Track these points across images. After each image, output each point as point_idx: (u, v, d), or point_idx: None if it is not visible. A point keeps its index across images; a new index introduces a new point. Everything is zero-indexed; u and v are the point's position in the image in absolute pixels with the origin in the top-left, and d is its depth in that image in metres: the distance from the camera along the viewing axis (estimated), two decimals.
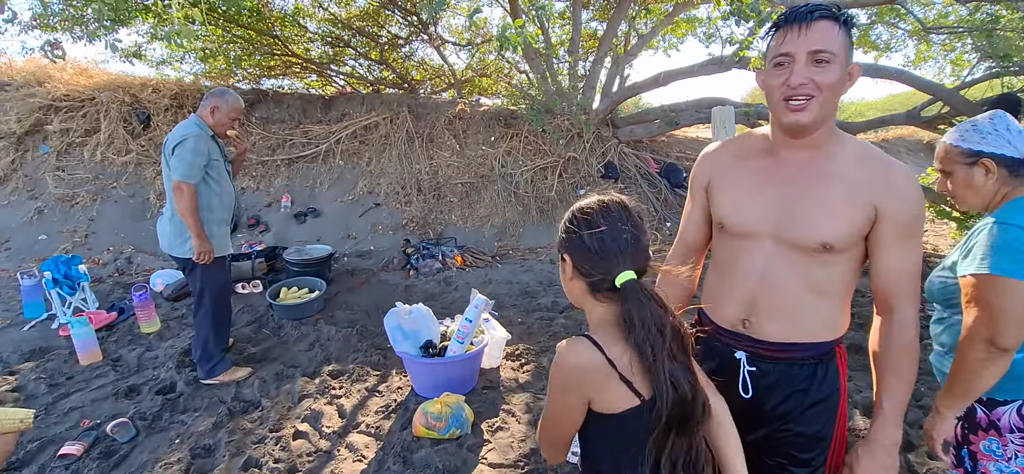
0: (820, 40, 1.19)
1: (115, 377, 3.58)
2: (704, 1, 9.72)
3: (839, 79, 1.22)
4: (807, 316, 1.32)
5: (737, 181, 1.40)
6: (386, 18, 8.94)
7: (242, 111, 3.37)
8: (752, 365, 1.37)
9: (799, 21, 1.21)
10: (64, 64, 6.88)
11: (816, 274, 1.29)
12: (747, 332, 1.37)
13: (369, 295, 4.96)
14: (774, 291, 1.32)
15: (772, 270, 1.32)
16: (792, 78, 1.21)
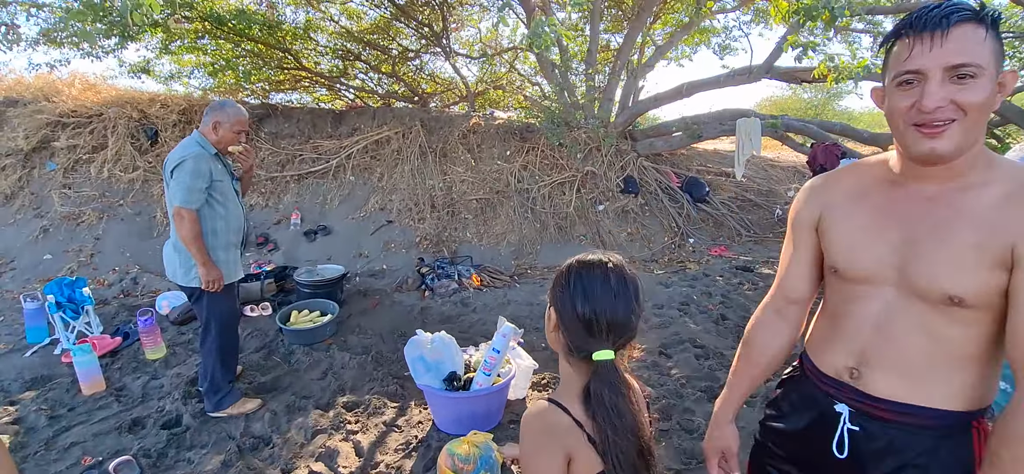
0: (961, 51, 0.94)
1: (119, 408, 3.38)
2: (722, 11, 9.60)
3: (989, 96, 0.96)
4: (933, 377, 1.08)
5: (854, 219, 1.16)
6: (396, 31, 8.83)
7: (246, 123, 3.07)
8: (856, 424, 1.15)
9: (932, 28, 0.95)
10: (72, 80, 6.76)
11: (946, 331, 1.05)
12: (854, 383, 1.15)
13: (383, 318, 4.74)
14: (892, 343, 1.10)
15: (892, 320, 1.10)
16: (925, 101, 0.97)
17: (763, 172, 9.16)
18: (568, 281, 1.12)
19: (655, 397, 3.27)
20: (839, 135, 6.81)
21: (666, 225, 6.94)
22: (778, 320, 1.36)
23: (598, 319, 1.08)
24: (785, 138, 6.75)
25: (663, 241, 6.71)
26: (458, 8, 8.47)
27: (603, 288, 1.09)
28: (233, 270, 3.20)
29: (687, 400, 3.24)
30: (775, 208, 7.68)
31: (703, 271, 5.81)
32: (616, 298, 1.09)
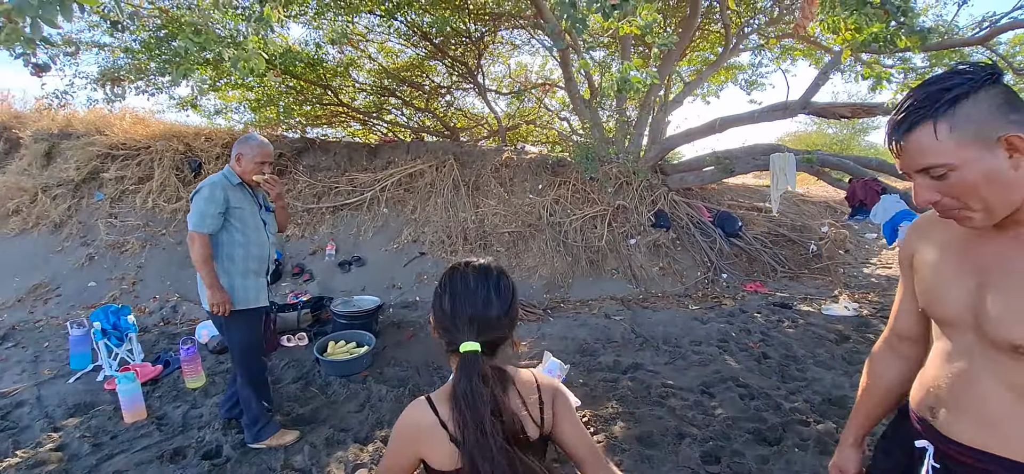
0: (920, 155, 0.99)
1: (160, 437, 3.41)
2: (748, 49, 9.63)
3: (980, 176, 0.96)
4: (1011, 427, 1.04)
5: (938, 261, 1.16)
6: (429, 68, 9.04)
7: (268, 154, 3.13)
8: (938, 463, 1.15)
9: (892, 141, 1.04)
10: (122, 114, 7.04)
11: (1020, 380, 1.02)
12: (933, 422, 1.16)
13: (418, 350, 4.74)
14: (968, 388, 1.09)
15: (969, 365, 1.09)
16: (920, 198, 1.04)
17: (795, 207, 9.02)
18: (440, 282, 1.26)
19: (701, 438, 3.18)
20: (876, 170, 6.70)
21: (698, 260, 6.85)
22: (891, 354, 1.39)
23: (459, 313, 1.20)
24: (821, 173, 6.65)
25: (696, 276, 6.62)
26: (491, 45, 8.64)
27: (463, 284, 1.22)
28: (252, 297, 3.18)
29: (735, 442, 3.14)
30: (809, 243, 7.54)
31: (739, 307, 5.70)
32: (476, 293, 1.21)
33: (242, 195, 3.09)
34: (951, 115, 0.95)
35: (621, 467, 2.95)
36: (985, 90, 0.95)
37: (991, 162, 0.96)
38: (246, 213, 3.09)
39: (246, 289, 3.13)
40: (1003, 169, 0.96)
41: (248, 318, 3.17)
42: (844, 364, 4.25)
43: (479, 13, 7.23)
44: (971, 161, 0.96)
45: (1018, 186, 0.98)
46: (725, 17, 7.81)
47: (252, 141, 3.12)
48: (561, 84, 10.04)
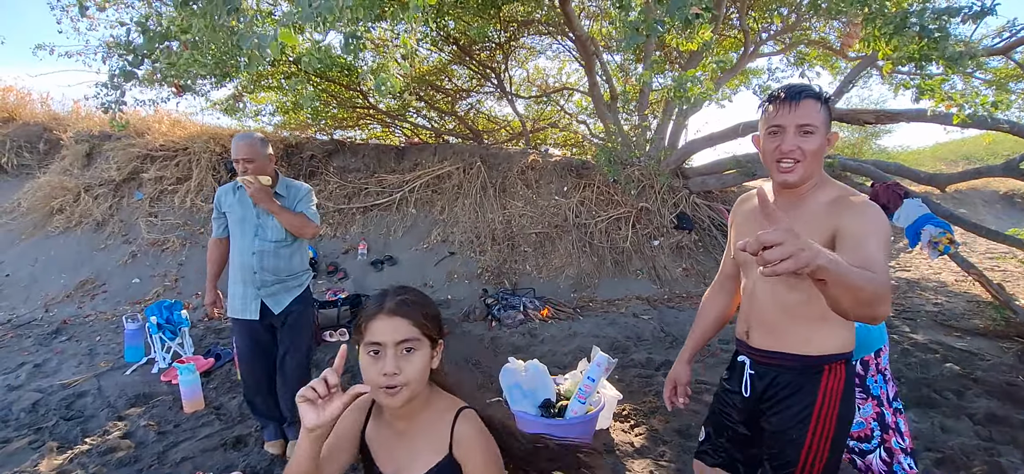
0: (806, 115, 1.47)
1: (220, 426, 3.59)
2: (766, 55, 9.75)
3: (821, 146, 1.50)
4: (787, 331, 1.60)
5: (745, 222, 1.76)
6: (452, 73, 9.22)
7: (243, 151, 2.80)
8: (752, 369, 1.70)
9: (790, 99, 1.49)
10: (161, 116, 7.27)
11: (788, 297, 1.57)
12: (748, 342, 1.71)
13: (455, 347, 4.92)
14: (760, 308, 1.65)
15: (757, 292, 1.65)
16: (783, 145, 1.49)
17: None
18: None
19: None
20: (895, 174, 6.81)
21: (720, 261, 6.99)
22: (718, 289, 1.98)
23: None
24: (842, 177, 6.78)
25: None
26: (516, 49, 8.82)
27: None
28: (236, 306, 3.02)
29: None
30: None
31: None
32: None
33: (235, 199, 2.98)
34: (825, 104, 1.53)
35: (664, 458, 3.12)
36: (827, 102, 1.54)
37: (824, 141, 1.51)
38: (235, 218, 2.97)
39: (232, 296, 3.05)
40: (823, 150, 1.52)
41: (235, 328, 3.13)
42: None
43: (508, 20, 7.40)
44: (823, 134, 1.50)
45: (820, 165, 1.55)
46: (743, 22, 7.96)
47: (234, 139, 2.91)
48: (581, 88, 10.22)
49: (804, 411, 1.58)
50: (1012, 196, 12.45)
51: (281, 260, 2.99)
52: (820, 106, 1.49)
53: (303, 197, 3.04)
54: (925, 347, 4.75)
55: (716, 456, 1.86)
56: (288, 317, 3.05)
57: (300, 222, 2.96)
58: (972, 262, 7.43)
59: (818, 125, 1.48)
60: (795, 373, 1.60)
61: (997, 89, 8.42)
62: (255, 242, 2.94)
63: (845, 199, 1.50)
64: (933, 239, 4.96)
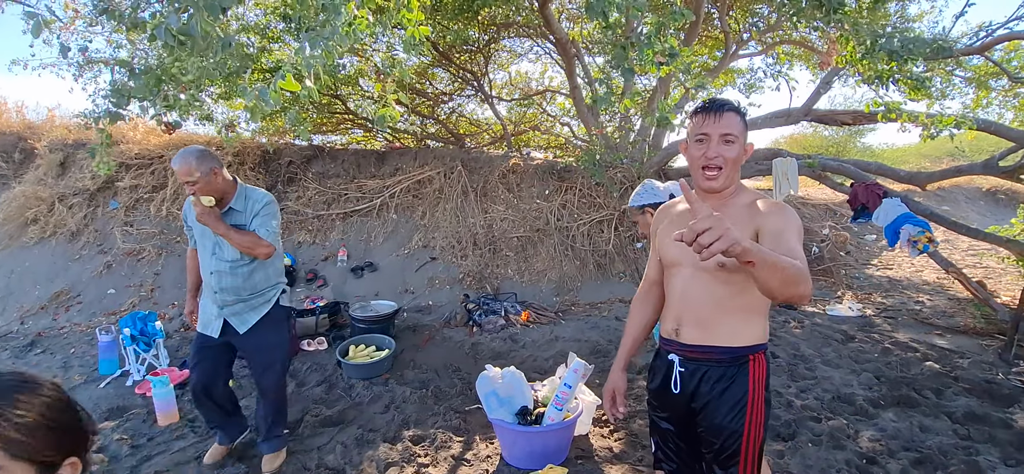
0: (728, 125, 1.64)
1: (195, 439, 3.51)
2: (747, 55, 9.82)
3: (740, 154, 1.67)
4: (717, 325, 1.71)
5: (670, 225, 1.85)
6: (433, 76, 9.17)
7: (182, 171, 2.60)
8: (682, 366, 1.78)
9: (714, 111, 1.66)
10: (136, 124, 7.14)
11: (719, 291, 1.69)
12: (677, 339, 1.79)
13: (436, 353, 4.86)
14: (692, 305, 1.74)
15: (689, 289, 1.74)
16: (709, 152, 1.65)
17: (798, 210, 9.17)
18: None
19: None
20: (876, 174, 6.86)
21: None
22: (645, 295, 2.04)
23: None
24: (822, 177, 6.81)
25: None
26: (496, 52, 8.79)
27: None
28: (203, 321, 2.93)
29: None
30: (812, 246, 7.70)
31: None
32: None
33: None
34: (742, 117, 1.69)
35: (643, 463, 3.09)
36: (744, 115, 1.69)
37: (742, 150, 1.67)
38: (197, 233, 2.88)
39: (202, 309, 2.98)
40: (742, 159, 1.68)
41: (196, 341, 2.99)
42: (851, 363, 4.40)
43: (488, 24, 7.37)
44: (742, 143, 1.67)
45: (738, 173, 1.72)
46: (724, 23, 7.99)
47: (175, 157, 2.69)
48: (562, 90, 10.21)
49: (739, 402, 1.71)
50: (995, 192, 12.60)
51: (239, 279, 2.80)
52: (739, 118, 1.66)
53: (260, 211, 2.79)
54: (906, 346, 4.76)
55: (670, 463, 1.95)
56: (255, 337, 2.89)
57: (250, 242, 2.72)
58: (954, 259, 7.51)
59: (738, 135, 1.65)
60: (724, 366, 1.72)
61: (977, 86, 8.55)
62: (212, 261, 2.81)
63: (761, 203, 1.68)
64: (912, 238, 4.99)
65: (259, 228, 2.76)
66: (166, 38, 2.61)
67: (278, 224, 2.88)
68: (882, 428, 3.37)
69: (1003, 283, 6.61)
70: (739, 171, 1.73)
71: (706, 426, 1.75)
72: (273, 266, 2.95)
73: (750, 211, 1.66)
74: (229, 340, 2.90)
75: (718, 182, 1.66)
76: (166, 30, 2.57)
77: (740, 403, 1.71)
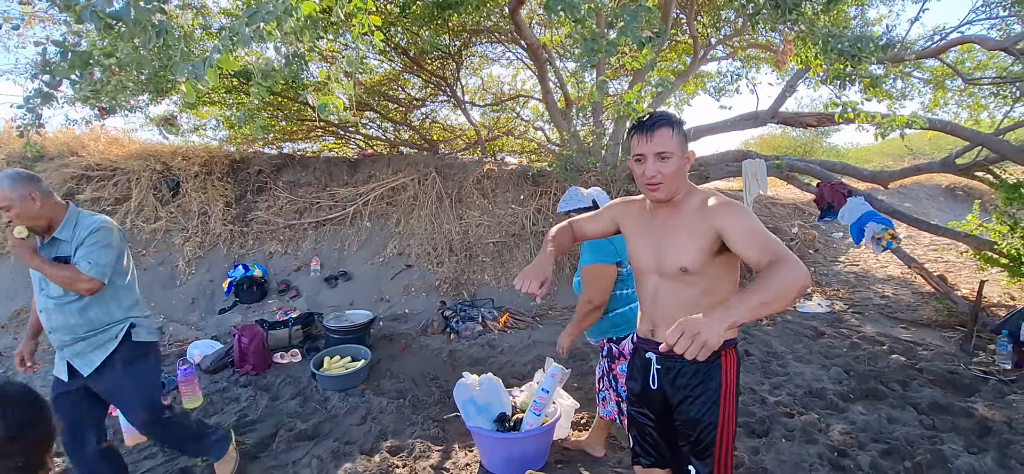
0: (660, 144, 1.70)
1: (164, 458, 3.41)
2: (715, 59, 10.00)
3: (679, 166, 1.73)
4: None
5: (635, 230, 1.93)
6: (404, 82, 9.11)
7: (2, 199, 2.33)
8: (659, 364, 1.89)
9: (645, 131, 1.72)
10: (97, 134, 6.93)
11: (687, 293, 1.78)
12: (654, 338, 1.90)
13: (413, 362, 4.82)
14: (663, 309, 1.84)
15: (659, 294, 1.86)
16: (646, 171, 1.73)
17: (766, 210, 9.39)
18: None
19: None
20: (841, 173, 7.05)
21: None
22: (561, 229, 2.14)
23: None
24: (790, 177, 6.97)
25: None
26: (468, 57, 8.77)
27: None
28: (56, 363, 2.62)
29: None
30: None
31: None
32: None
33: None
34: (679, 128, 1.74)
35: (622, 465, 3.10)
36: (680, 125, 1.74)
37: (682, 161, 1.74)
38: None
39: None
40: (683, 169, 1.75)
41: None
42: (821, 358, 4.50)
43: (458, 30, 7.35)
44: (679, 155, 1.72)
45: (682, 180, 1.78)
46: (692, 29, 8.13)
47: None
48: (535, 95, 10.24)
49: (713, 396, 1.80)
50: (954, 189, 13.05)
51: (70, 317, 2.47)
52: (672, 132, 1.71)
53: (85, 240, 2.42)
54: (873, 340, 4.89)
55: (649, 456, 2.03)
56: (105, 379, 2.56)
57: (69, 277, 2.37)
58: (916, 255, 7.75)
59: (673, 150, 1.70)
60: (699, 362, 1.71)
61: (934, 87, 8.86)
62: (40, 297, 2.51)
63: (710, 201, 1.74)
64: (876, 235, 5.13)
65: (81, 260, 2.39)
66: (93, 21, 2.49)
67: (115, 254, 2.50)
68: (852, 421, 3.45)
69: (962, 276, 6.84)
70: (684, 178, 1.79)
71: (683, 420, 1.85)
72: (115, 300, 2.56)
73: (702, 212, 1.74)
74: (87, 384, 2.57)
75: (660, 194, 1.75)
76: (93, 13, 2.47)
77: (714, 397, 1.80)
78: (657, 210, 1.85)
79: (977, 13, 6.68)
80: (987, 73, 7.85)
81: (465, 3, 5.66)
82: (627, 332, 2.72)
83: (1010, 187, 4.93)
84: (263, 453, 3.41)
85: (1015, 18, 6.55)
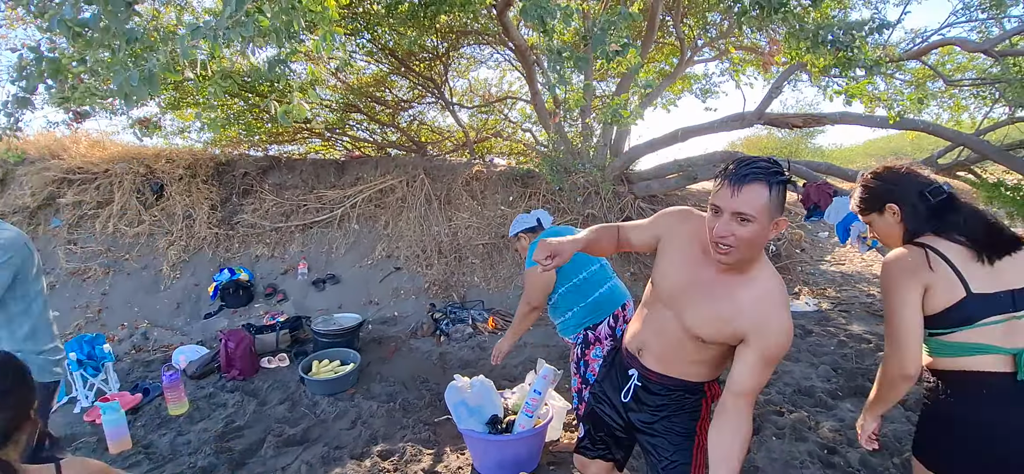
0: (745, 203, 1.40)
1: (149, 466, 3.36)
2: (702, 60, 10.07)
3: (759, 234, 1.44)
4: (678, 363, 1.74)
5: (677, 256, 1.69)
6: (392, 83, 9.06)
7: None
8: (640, 382, 1.83)
9: (734, 182, 1.42)
10: (78, 137, 6.81)
11: (689, 346, 1.67)
12: (639, 359, 1.83)
13: (403, 365, 4.78)
14: (660, 342, 1.75)
15: (664, 331, 1.72)
16: (718, 229, 1.46)
17: None
18: None
19: None
20: (826, 173, 7.12)
21: None
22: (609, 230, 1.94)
23: None
24: None
25: None
26: (456, 59, 8.75)
27: None
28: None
29: None
30: (769, 245, 7.93)
31: None
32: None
33: None
34: (777, 187, 1.42)
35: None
36: (782, 185, 1.44)
37: (765, 228, 1.44)
38: None
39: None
40: (764, 238, 1.47)
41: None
42: (809, 356, 4.54)
43: (446, 31, 7.33)
44: (764, 222, 1.43)
45: (758, 251, 1.53)
46: (679, 30, 8.17)
47: None
48: (523, 97, 10.23)
49: (689, 427, 1.76)
50: None
51: None
52: (769, 193, 1.40)
53: None
54: (860, 338, 4.94)
55: (595, 450, 2.02)
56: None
57: None
58: None
59: (757, 214, 1.40)
60: (681, 392, 1.76)
61: (916, 89, 8.99)
62: None
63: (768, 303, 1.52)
64: (862, 234, 5.18)
65: None
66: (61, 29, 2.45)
67: (9, 274, 2.14)
68: (841, 418, 3.48)
69: None
70: (759, 249, 1.52)
71: (652, 444, 1.82)
72: (6, 327, 2.20)
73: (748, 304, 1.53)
74: None
75: (728, 259, 1.49)
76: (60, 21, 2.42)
77: (690, 428, 1.77)
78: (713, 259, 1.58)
79: (957, 16, 6.80)
80: (967, 75, 7.98)
81: (451, 2, 5.63)
82: (604, 316, 2.75)
83: (990, 186, 5.02)
84: (251, 459, 3.37)
85: (994, 21, 6.68)
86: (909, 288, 1.55)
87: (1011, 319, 1.50)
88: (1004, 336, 1.50)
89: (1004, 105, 6.95)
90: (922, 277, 1.53)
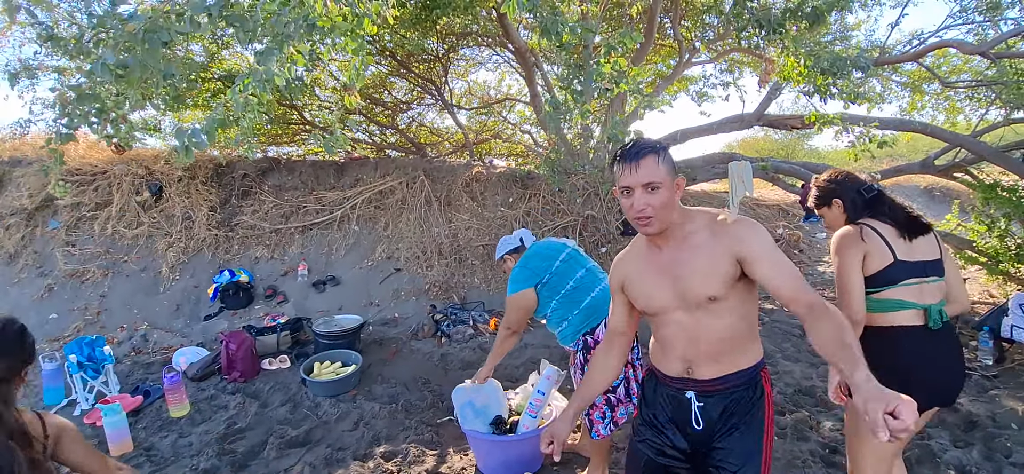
0: (648, 173, 1.55)
1: (151, 469, 3.35)
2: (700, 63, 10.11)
3: (668, 197, 1.58)
4: (729, 355, 1.68)
5: (642, 277, 1.74)
6: (391, 85, 9.07)
7: None
8: (700, 401, 1.71)
9: (630, 160, 1.57)
10: (77, 139, 6.78)
11: (720, 324, 1.64)
12: (691, 377, 1.72)
13: (404, 366, 4.78)
14: (703, 345, 1.68)
15: (693, 331, 1.67)
16: (635, 204, 1.58)
17: (751, 212, 9.49)
18: None
19: None
20: None
21: None
22: (611, 347, 1.93)
23: None
24: (775, 179, 7.07)
25: None
26: (456, 61, 8.77)
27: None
28: None
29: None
30: None
31: None
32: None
33: None
34: (665, 154, 1.60)
35: (618, 466, 3.11)
36: (664, 150, 1.61)
37: (671, 190, 1.58)
38: None
39: None
40: (674, 198, 1.60)
41: None
42: (809, 357, 4.56)
43: (446, 33, 7.34)
44: (668, 184, 1.57)
45: (674, 208, 1.62)
46: (677, 33, 8.20)
47: None
48: (523, 98, 10.26)
49: (760, 425, 1.71)
50: (931, 190, 13.28)
51: None
52: (659, 159, 1.58)
53: None
54: None
55: None
56: None
57: None
58: None
59: (661, 179, 1.56)
60: (744, 389, 1.70)
61: (912, 91, 9.04)
62: None
63: (720, 221, 1.65)
64: None
65: None
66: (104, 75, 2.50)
67: None
68: (841, 418, 3.49)
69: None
70: (675, 206, 1.64)
71: (727, 449, 1.69)
72: None
73: (716, 236, 1.62)
74: None
75: (653, 228, 1.61)
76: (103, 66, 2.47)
77: (761, 426, 1.70)
78: (663, 243, 1.69)
79: (954, 18, 6.84)
80: (963, 77, 8.03)
81: (453, 5, 5.65)
82: (600, 319, 2.72)
83: (987, 187, 5.03)
84: (254, 461, 3.37)
85: (990, 23, 6.72)
86: (853, 254, 2.01)
87: (922, 283, 2.02)
88: (916, 295, 2.01)
89: (1000, 107, 6.99)
90: (861, 246, 2.02)
